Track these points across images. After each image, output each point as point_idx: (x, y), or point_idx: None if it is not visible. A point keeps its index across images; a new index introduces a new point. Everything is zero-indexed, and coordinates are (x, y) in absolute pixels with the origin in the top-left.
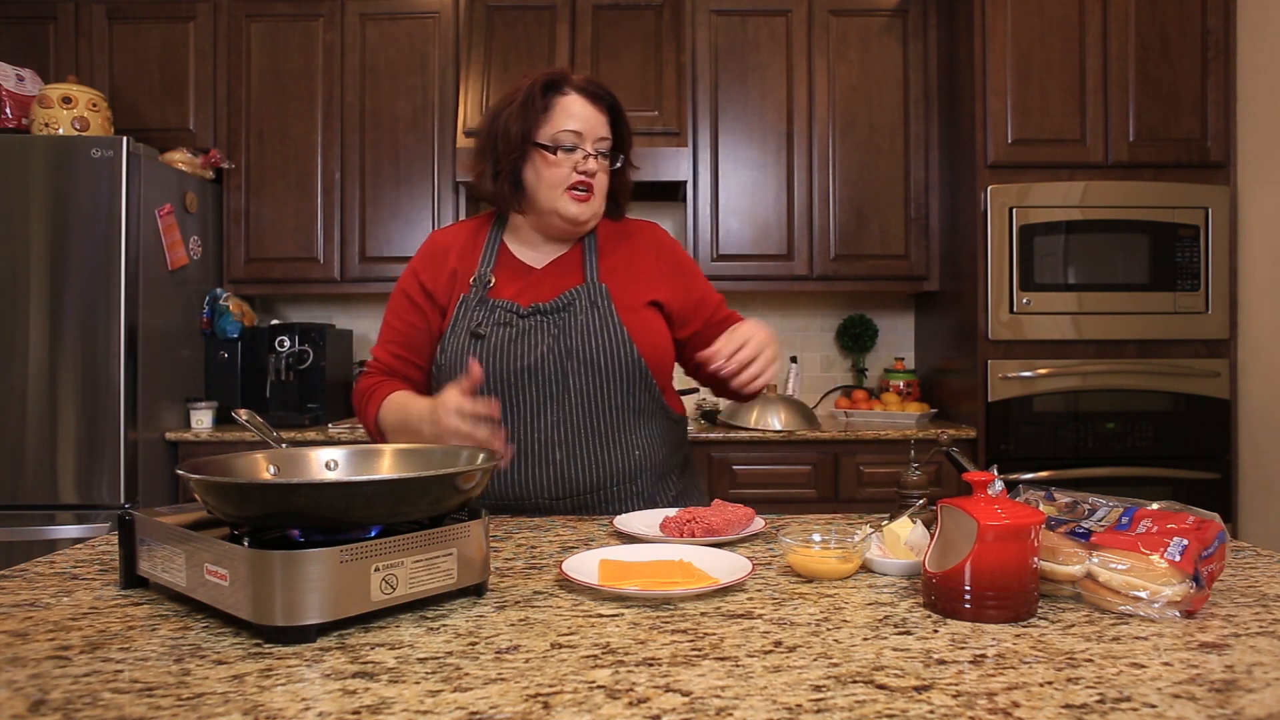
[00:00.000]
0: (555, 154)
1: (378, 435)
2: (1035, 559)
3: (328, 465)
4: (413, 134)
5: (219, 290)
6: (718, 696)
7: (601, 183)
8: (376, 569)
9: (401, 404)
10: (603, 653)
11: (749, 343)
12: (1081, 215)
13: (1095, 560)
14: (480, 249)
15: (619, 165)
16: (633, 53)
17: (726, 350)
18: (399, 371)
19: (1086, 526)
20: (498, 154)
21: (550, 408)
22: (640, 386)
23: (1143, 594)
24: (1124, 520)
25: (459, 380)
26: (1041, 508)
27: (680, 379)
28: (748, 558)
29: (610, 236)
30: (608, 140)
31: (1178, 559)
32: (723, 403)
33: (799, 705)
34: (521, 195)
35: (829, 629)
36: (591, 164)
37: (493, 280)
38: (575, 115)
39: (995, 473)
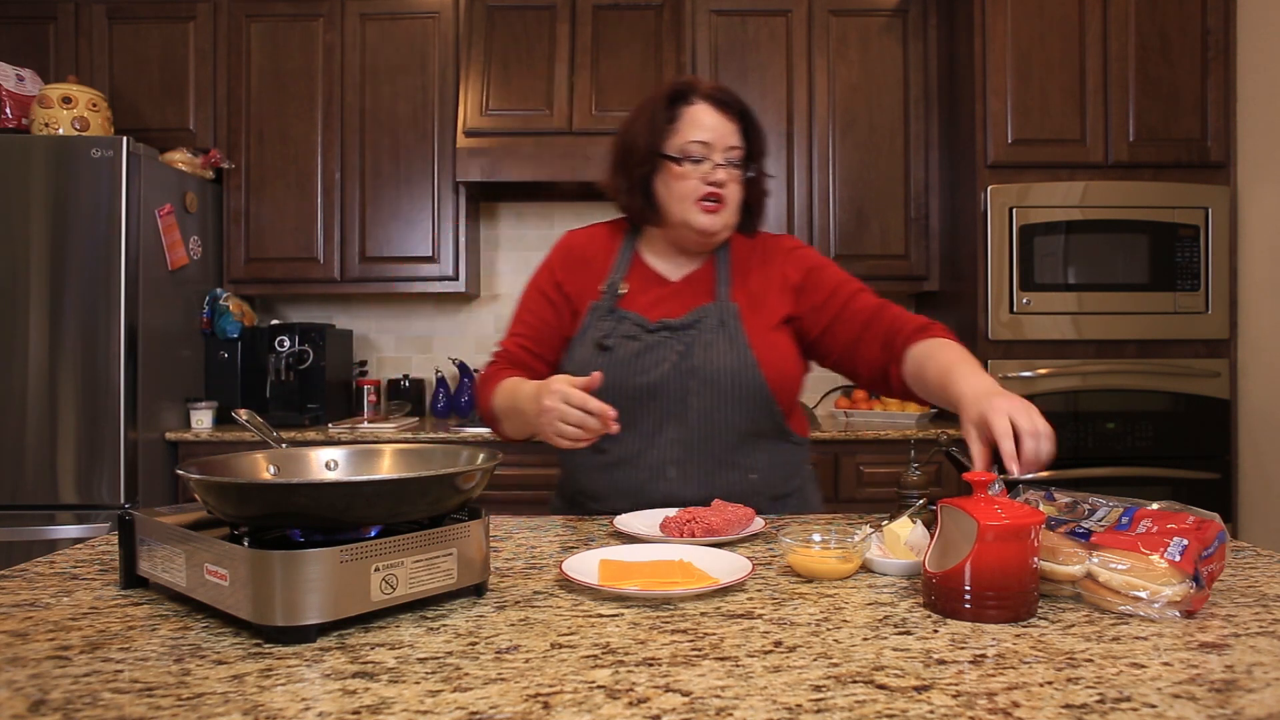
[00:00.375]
0: (682, 165)
1: (490, 419)
2: (1035, 559)
3: (328, 465)
4: (413, 134)
5: (219, 290)
6: (718, 696)
7: (733, 193)
8: (376, 569)
9: (514, 386)
10: (603, 653)
11: (1017, 431)
12: (1081, 215)
13: (1095, 560)
14: (614, 255)
15: (752, 175)
16: (633, 53)
17: (1007, 455)
18: (526, 364)
19: (1086, 526)
20: (628, 167)
21: (669, 425)
22: (763, 411)
23: (1143, 594)
24: (1124, 520)
25: (578, 378)
26: (1041, 508)
27: None
28: (748, 558)
29: (745, 252)
30: (739, 149)
31: (1178, 559)
32: None
33: (799, 705)
34: (653, 208)
35: (829, 629)
36: (721, 174)
37: (624, 289)
38: (703, 125)
39: (995, 473)
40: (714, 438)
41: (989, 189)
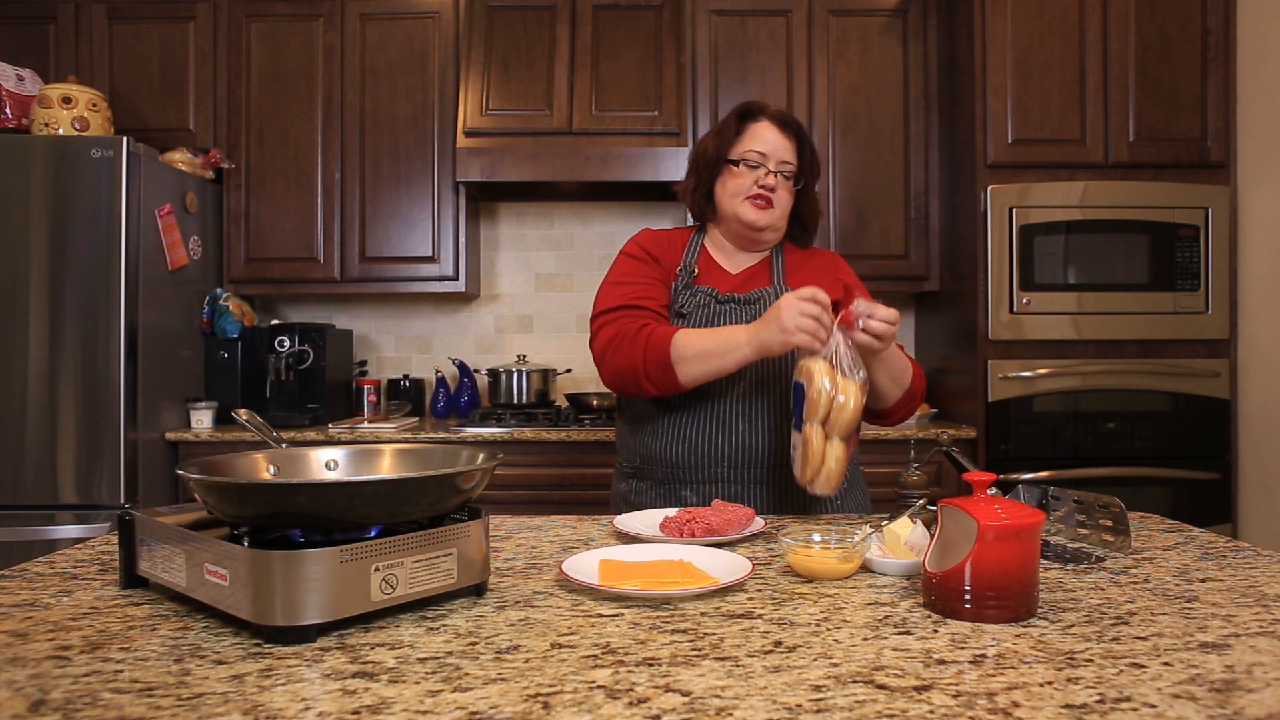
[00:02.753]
0: (740, 168)
1: (656, 367)
2: (1036, 559)
3: (328, 465)
4: (413, 134)
5: (219, 290)
6: (718, 696)
7: (782, 199)
8: (376, 569)
9: (705, 330)
10: (603, 653)
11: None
12: (1081, 215)
13: None
14: (685, 246)
15: (801, 187)
16: (633, 53)
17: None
18: (649, 310)
19: None
20: (700, 169)
21: (739, 384)
22: None
23: None
24: None
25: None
26: None
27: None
28: (748, 558)
29: (796, 259)
30: (792, 165)
31: None
32: None
33: (799, 705)
34: (711, 206)
35: (829, 629)
36: (772, 180)
37: (697, 270)
38: (763, 139)
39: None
40: (777, 394)
41: (989, 189)
